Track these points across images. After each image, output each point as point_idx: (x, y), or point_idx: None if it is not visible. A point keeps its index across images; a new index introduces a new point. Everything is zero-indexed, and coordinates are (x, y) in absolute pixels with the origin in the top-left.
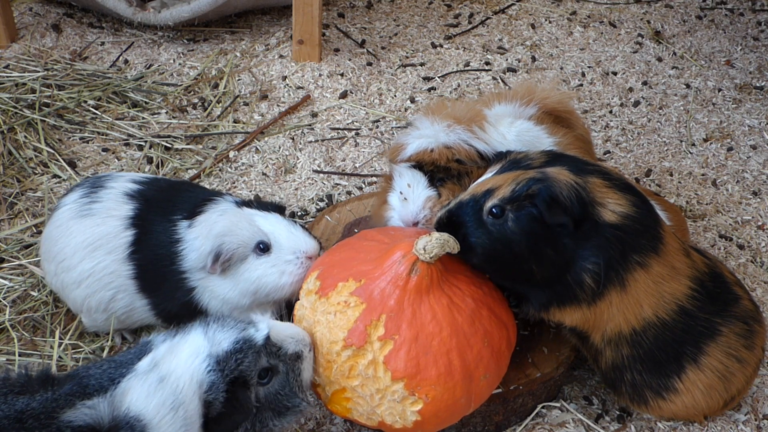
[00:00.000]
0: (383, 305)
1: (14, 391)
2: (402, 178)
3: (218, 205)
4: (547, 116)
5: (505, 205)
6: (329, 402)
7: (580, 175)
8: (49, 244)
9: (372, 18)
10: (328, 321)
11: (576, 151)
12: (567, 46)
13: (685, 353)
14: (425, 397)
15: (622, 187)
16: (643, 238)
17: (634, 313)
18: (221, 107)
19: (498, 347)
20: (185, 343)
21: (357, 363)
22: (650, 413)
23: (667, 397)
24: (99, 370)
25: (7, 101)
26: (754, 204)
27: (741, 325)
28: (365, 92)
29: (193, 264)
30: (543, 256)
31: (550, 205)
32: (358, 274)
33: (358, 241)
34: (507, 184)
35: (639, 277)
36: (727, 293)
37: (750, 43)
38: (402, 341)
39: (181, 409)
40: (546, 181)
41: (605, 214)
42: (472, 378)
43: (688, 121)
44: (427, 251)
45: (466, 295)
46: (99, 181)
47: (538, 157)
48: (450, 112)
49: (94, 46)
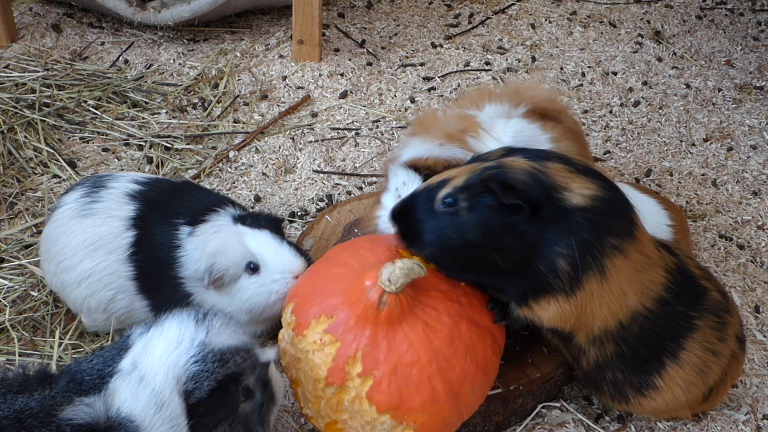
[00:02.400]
0: (357, 341)
1: (13, 391)
2: (397, 177)
3: (217, 219)
4: (537, 114)
5: (458, 193)
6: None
7: (537, 161)
8: (49, 243)
9: (372, 18)
10: (308, 359)
11: (568, 143)
12: (567, 46)
13: (665, 349)
14: (414, 424)
15: (587, 171)
16: (616, 220)
17: (620, 304)
18: (221, 107)
19: (483, 358)
20: (159, 338)
21: (342, 399)
22: (631, 410)
23: (647, 394)
24: (89, 365)
25: (7, 101)
26: (754, 204)
27: (713, 318)
28: (365, 92)
29: (190, 273)
30: (502, 244)
31: (504, 189)
32: (329, 309)
33: (329, 268)
34: (462, 174)
35: (619, 263)
36: (696, 287)
37: (750, 43)
38: (381, 375)
39: (165, 408)
40: (500, 168)
41: (572, 197)
42: (458, 396)
43: (688, 121)
44: (392, 282)
45: (442, 314)
46: (100, 181)
47: (496, 152)
48: (441, 128)
49: (94, 46)
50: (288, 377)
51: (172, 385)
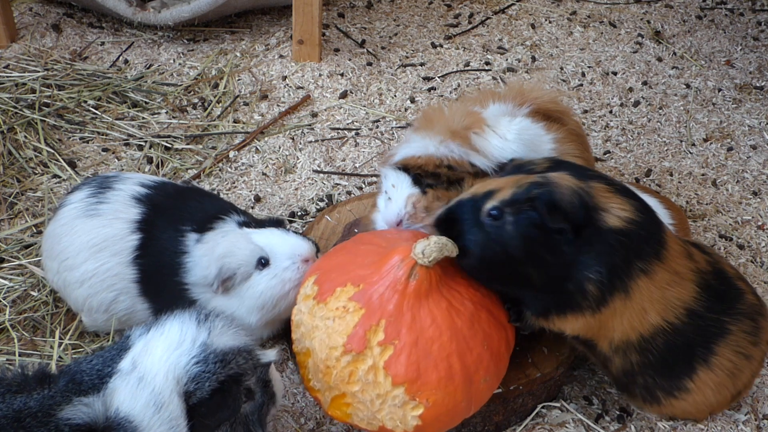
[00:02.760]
0: (382, 310)
1: (12, 390)
2: (387, 180)
3: (224, 226)
4: (540, 115)
5: (505, 207)
6: (329, 407)
7: (582, 179)
8: (53, 241)
9: (372, 18)
10: (327, 326)
11: (571, 145)
12: (567, 46)
13: (696, 355)
14: (426, 402)
15: (625, 192)
16: (646, 244)
17: (640, 320)
18: (221, 107)
19: (497, 349)
20: (159, 339)
21: (357, 368)
22: (663, 412)
23: (679, 396)
24: (89, 366)
25: (7, 101)
26: (754, 204)
27: (748, 323)
28: (365, 92)
29: (197, 280)
30: (541, 261)
31: (550, 210)
32: (356, 278)
33: (354, 245)
34: (508, 187)
35: (642, 284)
36: (731, 289)
37: (750, 43)
38: (402, 346)
39: (164, 409)
40: (548, 185)
41: (609, 218)
42: (472, 381)
43: (688, 121)
44: (425, 255)
45: (465, 298)
46: (107, 182)
47: (541, 162)
48: (445, 124)
49: (94, 46)
50: (297, 351)
51: (172, 386)
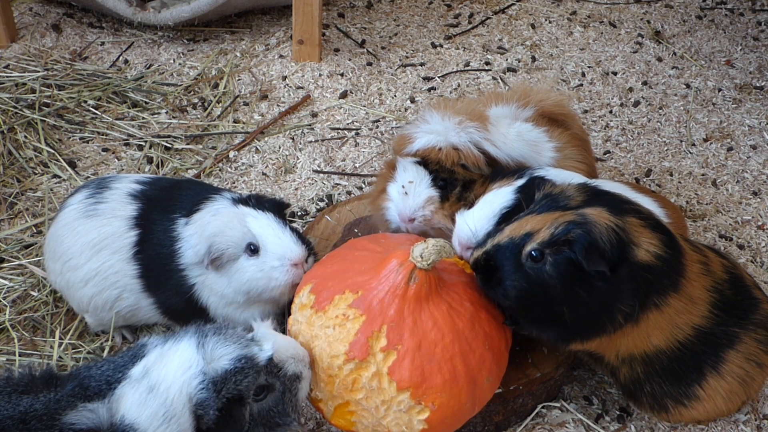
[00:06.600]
0: (383, 315)
1: (18, 391)
2: (406, 173)
3: (214, 204)
4: (544, 118)
5: (545, 248)
6: (332, 416)
7: (618, 216)
8: (55, 243)
9: (372, 18)
10: (327, 335)
11: (574, 150)
12: (567, 46)
13: (705, 363)
14: (432, 405)
15: (655, 225)
16: (666, 278)
17: (643, 342)
18: (221, 107)
19: (498, 349)
20: (175, 353)
21: (360, 376)
22: (671, 421)
23: (688, 404)
24: (99, 371)
25: (7, 101)
26: (754, 204)
27: (761, 331)
28: (365, 92)
29: (190, 260)
30: (576, 298)
31: (588, 252)
32: (354, 285)
33: (349, 252)
34: (546, 227)
35: (652, 316)
36: (747, 299)
37: (750, 43)
38: (405, 351)
39: (173, 421)
40: (585, 225)
41: (639, 253)
42: (476, 382)
43: (688, 121)
44: (424, 258)
45: (464, 299)
46: (104, 182)
47: (575, 194)
48: (460, 108)
49: (94, 46)
50: None
51: (185, 401)
